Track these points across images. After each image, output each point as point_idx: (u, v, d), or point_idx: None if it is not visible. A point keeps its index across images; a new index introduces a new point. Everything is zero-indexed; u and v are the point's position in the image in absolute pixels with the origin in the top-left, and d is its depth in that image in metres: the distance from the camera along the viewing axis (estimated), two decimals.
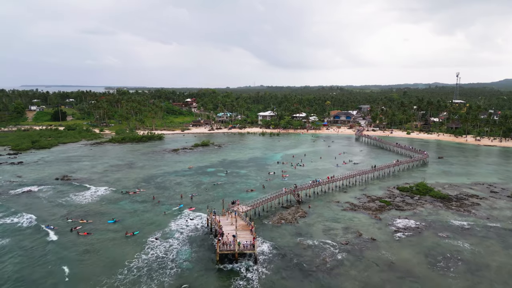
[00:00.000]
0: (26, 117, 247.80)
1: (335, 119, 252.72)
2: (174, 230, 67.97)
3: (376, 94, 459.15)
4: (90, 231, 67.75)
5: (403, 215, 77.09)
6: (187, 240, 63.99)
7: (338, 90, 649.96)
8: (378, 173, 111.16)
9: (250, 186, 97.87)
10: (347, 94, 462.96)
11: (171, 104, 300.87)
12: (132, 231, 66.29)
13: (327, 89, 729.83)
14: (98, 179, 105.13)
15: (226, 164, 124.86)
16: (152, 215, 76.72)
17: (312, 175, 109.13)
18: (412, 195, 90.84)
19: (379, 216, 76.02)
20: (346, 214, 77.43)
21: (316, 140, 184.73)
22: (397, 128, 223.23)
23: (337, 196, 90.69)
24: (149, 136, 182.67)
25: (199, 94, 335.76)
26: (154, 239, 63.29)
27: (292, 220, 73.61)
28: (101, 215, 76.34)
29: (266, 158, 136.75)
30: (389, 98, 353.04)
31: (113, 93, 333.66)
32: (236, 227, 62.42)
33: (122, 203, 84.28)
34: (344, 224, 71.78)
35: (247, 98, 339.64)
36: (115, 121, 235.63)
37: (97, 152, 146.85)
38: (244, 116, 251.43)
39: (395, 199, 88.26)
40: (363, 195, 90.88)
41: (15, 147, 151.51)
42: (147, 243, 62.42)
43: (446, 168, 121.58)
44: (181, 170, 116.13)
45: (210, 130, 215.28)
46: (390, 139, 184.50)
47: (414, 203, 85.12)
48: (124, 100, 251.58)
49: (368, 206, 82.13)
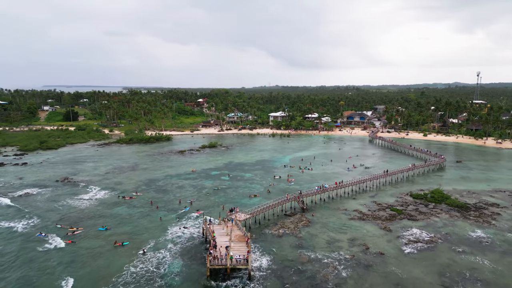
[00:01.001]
0: (39, 117, 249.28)
1: (348, 120, 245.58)
2: (168, 240, 63.87)
3: (392, 94, 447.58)
4: (75, 239, 64.36)
5: (415, 225, 71.14)
6: (179, 251, 59.78)
7: (354, 90, 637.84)
8: (390, 178, 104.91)
9: (253, 191, 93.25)
10: (363, 94, 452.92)
11: (182, 105, 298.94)
12: (122, 241, 62.48)
13: (343, 89, 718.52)
14: (98, 181, 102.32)
15: (232, 167, 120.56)
16: (147, 222, 72.97)
17: (320, 180, 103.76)
18: (427, 203, 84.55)
19: (389, 226, 70.28)
20: (353, 223, 71.95)
21: (328, 142, 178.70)
22: (414, 129, 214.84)
23: (345, 203, 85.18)
24: (157, 137, 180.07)
25: (211, 95, 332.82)
26: (141, 252, 58.91)
27: (294, 229, 68.62)
28: (94, 221, 73.01)
29: (273, 160, 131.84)
30: (405, 98, 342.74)
31: (125, 93, 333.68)
32: (231, 238, 57.94)
33: (118, 208, 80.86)
34: (351, 235, 66.40)
35: (259, 98, 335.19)
36: (126, 122, 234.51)
37: (102, 153, 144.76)
38: (255, 116, 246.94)
39: (408, 207, 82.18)
40: (373, 203, 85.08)
41: (22, 148, 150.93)
42: (136, 255, 58.47)
43: (464, 173, 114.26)
44: (184, 173, 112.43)
45: (220, 131, 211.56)
46: (406, 141, 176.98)
47: (428, 212, 78.91)
48: (135, 101, 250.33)
49: (377, 215, 76.40)
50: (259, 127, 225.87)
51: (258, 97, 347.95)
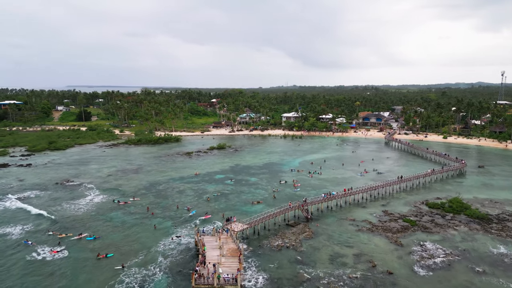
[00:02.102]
0: (53, 117, 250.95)
1: (364, 121, 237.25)
2: (159, 252, 59.31)
3: (412, 94, 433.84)
4: (60, 247, 60.74)
5: (430, 239, 64.60)
6: (169, 266, 55.07)
7: (372, 90, 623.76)
8: (405, 185, 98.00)
9: (257, 197, 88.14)
10: (380, 94, 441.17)
11: (195, 105, 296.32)
12: (105, 253, 58.30)
13: (361, 89, 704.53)
14: (99, 184, 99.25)
15: (237, 170, 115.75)
16: (140, 230, 68.88)
17: (328, 186, 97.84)
18: (444, 214, 77.59)
19: (401, 240, 63.98)
20: (360, 236, 65.95)
21: (341, 144, 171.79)
22: (433, 131, 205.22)
23: (354, 212, 79.07)
24: (166, 137, 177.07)
25: (225, 95, 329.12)
26: (120, 267, 53.87)
27: (296, 242, 63.16)
28: (85, 229, 69.39)
29: (282, 164, 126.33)
30: (425, 98, 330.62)
31: (138, 93, 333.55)
32: (222, 252, 53.04)
33: (113, 214, 77.14)
34: (357, 250, 60.51)
35: (273, 98, 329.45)
36: (138, 122, 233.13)
37: (109, 155, 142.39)
38: (268, 117, 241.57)
39: (422, 218, 75.45)
40: (384, 212, 78.66)
41: (30, 148, 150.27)
42: (122, 269, 54.18)
43: (487, 179, 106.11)
44: (187, 176, 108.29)
45: (231, 132, 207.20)
46: (424, 143, 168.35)
47: (445, 224, 72.06)
48: (147, 101, 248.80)
49: (388, 227, 70.10)
50: (271, 128, 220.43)
51: (272, 97, 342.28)
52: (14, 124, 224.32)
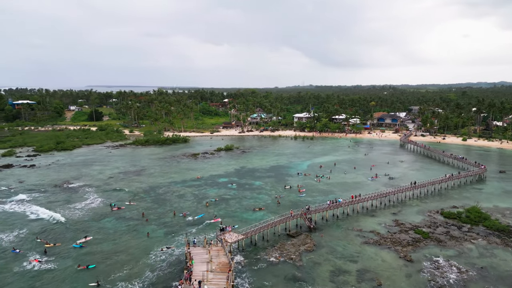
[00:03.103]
0: (65, 117, 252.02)
1: (379, 121, 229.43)
2: (147, 265, 55.16)
3: (430, 94, 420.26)
4: (45, 257, 57.53)
5: (444, 254, 58.71)
6: (155, 282, 50.92)
7: (390, 90, 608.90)
8: (418, 191, 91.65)
9: (259, 204, 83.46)
10: (398, 94, 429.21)
11: (207, 105, 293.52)
12: (87, 264, 54.62)
13: (378, 88, 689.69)
14: (98, 187, 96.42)
15: (242, 173, 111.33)
16: (131, 238, 65.19)
17: (336, 191, 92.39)
18: (460, 225, 71.29)
19: (411, 255, 58.29)
20: (367, 249, 60.53)
21: (354, 146, 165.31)
22: (452, 133, 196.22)
23: (361, 221, 73.55)
24: (174, 138, 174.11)
25: (237, 95, 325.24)
26: (95, 284, 49.12)
27: (295, 255, 58.23)
28: (75, 235, 66.17)
29: (289, 167, 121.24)
30: (444, 98, 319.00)
31: (151, 93, 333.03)
32: (211, 267, 48.62)
33: (106, 220, 73.82)
34: (362, 265, 55.20)
35: (286, 98, 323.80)
36: (148, 122, 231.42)
37: (114, 155, 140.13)
38: (279, 117, 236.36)
39: (436, 229, 69.35)
40: (395, 222, 72.85)
41: (37, 148, 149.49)
42: (97, 287, 50.39)
43: (509, 186, 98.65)
44: (190, 179, 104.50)
45: (241, 133, 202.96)
46: (441, 146, 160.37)
47: (462, 236, 65.87)
48: (157, 101, 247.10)
49: (398, 239, 64.38)
50: (282, 128, 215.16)
51: (285, 97, 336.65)
52: (26, 124, 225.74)
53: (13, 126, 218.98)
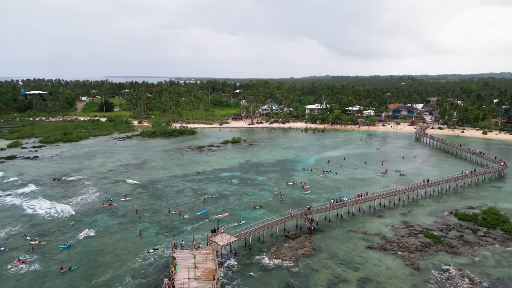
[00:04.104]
0: (76, 108, 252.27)
1: (394, 113, 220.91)
2: (131, 270, 51.58)
3: (450, 85, 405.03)
4: (24, 258, 54.75)
5: (455, 262, 53.37)
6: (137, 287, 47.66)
7: (408, 80, 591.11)
8: (432, 190, 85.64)
9: (259, 201, 79.22)
10: (416, 85, 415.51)
11: (219, 96, 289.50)
12: (69, 266, 51.55)
13: (396, 79, 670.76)
14: (96, 181, 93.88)
15: (246, 168, 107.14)
16: (121, 237, 62.00)
17: (343, 189, 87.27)
18: (475, 228, 65.47)
19: (418, 263, 53.14)
20: (370, 255, 55.62)
21: (366, 139, 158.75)
22: (471, 126, 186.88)
23: (367, 222, 68.50)
24: (181, 130, 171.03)
25: (249, 85, 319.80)
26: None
27: (291, 260, 53.84)
28: (64, 233, 63.46)
29: (296, 161, 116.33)
30: (465, 89, 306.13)
31: (162, 83, 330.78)
32: (195, 274, 44.75)
33: (98, 216, 70.91)
34: (363, 273, 50.48)
35: (299, 89, 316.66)
36: (158, 113, 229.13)
37: (119, 148, 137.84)
38: (291, 108, 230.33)
39: (449, 232, 63.75)
40: (403, 224, 67.51)
41: (44, 140, 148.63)
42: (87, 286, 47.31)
43: None
44: (191, 173, 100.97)
45: (250, 125, 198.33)
46: (459, 140, 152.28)
47: (477, 241, 60.19)
48: (167, 91, 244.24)
49: (405, 244, 59.19)
50: (293, 120, 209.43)
51: (298, 87, 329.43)
52: (38, 114, 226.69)
53: (25, 117, 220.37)
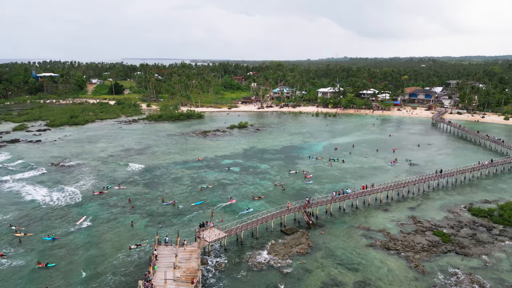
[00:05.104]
0: (87, 90, 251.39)
1: (411, 97, 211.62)
2: (112, 265, 48.68)
3: (473, 67, 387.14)
4: (5, 250, 52.50)
5: (465, 265, 48.47)
6: None
7: (429, 62, 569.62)
8: (445, 181, 79.84)
9: (260, 191, 75.21)
10: (436, 67, 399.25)
11: (230, 78, 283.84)
12: (46, 262, 48.87)
13: (416, 60, 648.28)
14: (94, 167, 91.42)
15: (250, 155, 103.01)
16: (108, 228, 59.17)
17: (349, 179, 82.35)
18: (490, 225, 59.99)
19: (424, 265, 48.43)
20: (371, 254, 51.16)
21: (379, 125, 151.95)
22: (493, 111, 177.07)
23: (371, 216, 63.76)
24: (188, 114, 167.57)
25: (262, 68, 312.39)
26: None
27: (284, 259, 49.88)
28: (51, 224, 61.04)
29: (303, 148, 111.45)
30: (488, 71, 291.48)
31: (174, 65, 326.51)
32: (174, 275, 41.30)
33: (90, 205, 68.33)
34: (362, 276, 46.21)
35: (312, 71, 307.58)
36: (167, 96, 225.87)
37: (123, 132, 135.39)
38: (303, 92, 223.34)
39: (460, 230, 58.52)
40: (410, 219, 62.52)
41: (50, 123, 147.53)
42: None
43: None
44: (192, 160, 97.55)
45: (259, 108, 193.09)
46: (479, 126, 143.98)
47: (490, 241, 54.89)
48: (176, 74, 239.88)
49: (411, 242, 54.37)
50: (304, 104, 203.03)
51: (312, 70, 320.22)
52: (49, 97, 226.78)
53: (36, 99, 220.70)
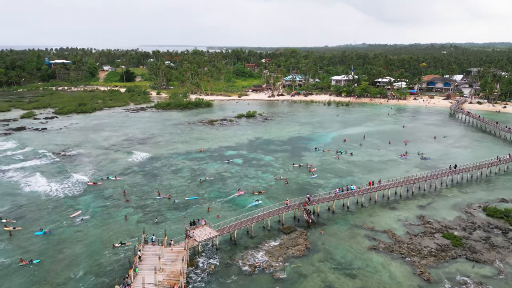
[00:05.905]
0: (98, 77, 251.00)
1: (429, 86, 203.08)
2: (97, 264, 46.27)
3: (496, 54, 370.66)
4: None
5: (476, 273, 44.33)
6: None
7: (451, 49, 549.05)
8: (459, 177, 74.81)
9: (261, 185, 71.91)
10: (457, 54, 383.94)
11: (242, 66, 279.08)
12: (30, 259, 46.84)
13: (437, 47, 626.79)
14: (96, 157, 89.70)
15: (255, 146, 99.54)
16: (99, 223, 57.03)
17: (356, 173, 78.17)
18: (507, 228, 55.29)
19: (430, 272, 44.47)
20: (373, 258, 47.43)
21: (394, 115, 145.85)
22: None
23: (377, 215, 59.77)
24: (197, 102, 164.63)
25: (275, 54, 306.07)
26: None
27: (278, 262, 46.67)
28: (44, 217, 59.31)
29: (311, 139, 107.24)
30: (511, 59, 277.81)
31: (186, 52, 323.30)
32: (156, 280, 38.60)
33: (84, 198, 66.38)
34: (361, 283, 42.69)
35: (327, 58, 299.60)
36: (177, 84, 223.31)
37: (130, 120, 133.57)
38: (317, 79, 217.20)
39: (473, 232, 54.04)
40: (419, 219, 58.29)
41: (58, 111, 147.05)
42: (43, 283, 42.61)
43: None
44: (195, 151, 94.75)
45: (270, 97, 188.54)
46: (499, 116, 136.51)
47: (506, 246, 50.36)
48: (186, 61, 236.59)
49: (417, 246, 50.30)
50: (316, 92, 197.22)
51: (327, 57, 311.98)
52: (61, 84, 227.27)
53: (48, 86, 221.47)
